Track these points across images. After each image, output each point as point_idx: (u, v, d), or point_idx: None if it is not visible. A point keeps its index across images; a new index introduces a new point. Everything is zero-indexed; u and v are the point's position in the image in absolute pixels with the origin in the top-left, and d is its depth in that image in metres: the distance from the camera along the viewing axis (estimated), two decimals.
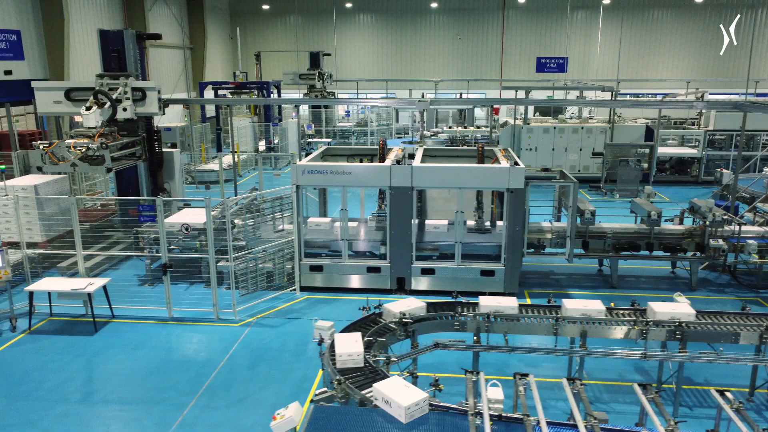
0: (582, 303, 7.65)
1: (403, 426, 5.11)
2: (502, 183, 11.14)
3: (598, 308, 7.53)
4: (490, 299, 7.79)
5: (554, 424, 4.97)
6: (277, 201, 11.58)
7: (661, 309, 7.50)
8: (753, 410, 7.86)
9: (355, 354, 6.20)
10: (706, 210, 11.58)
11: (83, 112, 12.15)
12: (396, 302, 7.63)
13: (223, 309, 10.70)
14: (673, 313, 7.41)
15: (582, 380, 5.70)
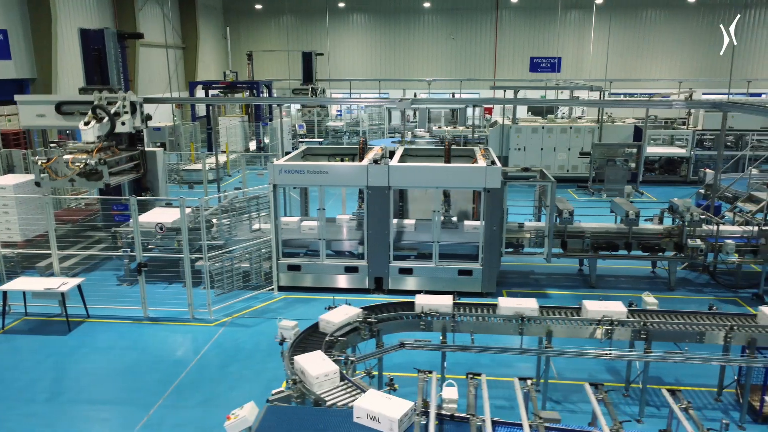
0: (516, 302, 7.66)
1: (352, 426, 5.09)
2: (479, 182, 11.13)
3: (531, 306, 7.55)
4: (426, 297, 7.82)
5: (501, 423, 4.95)
6: (254, 201, 11.55)
7: (594, 308, 7.56)
8: (720, 410, 7.86)
9: (331, 373, 6.02)
10: (684, 210, 11.56)
11: (81, 127, 12.08)
12: (335, 310, 7.52)
13: (199, 309, 10.68)
14: (604, 311, 7.46)
15: (533, 380, 5.68)
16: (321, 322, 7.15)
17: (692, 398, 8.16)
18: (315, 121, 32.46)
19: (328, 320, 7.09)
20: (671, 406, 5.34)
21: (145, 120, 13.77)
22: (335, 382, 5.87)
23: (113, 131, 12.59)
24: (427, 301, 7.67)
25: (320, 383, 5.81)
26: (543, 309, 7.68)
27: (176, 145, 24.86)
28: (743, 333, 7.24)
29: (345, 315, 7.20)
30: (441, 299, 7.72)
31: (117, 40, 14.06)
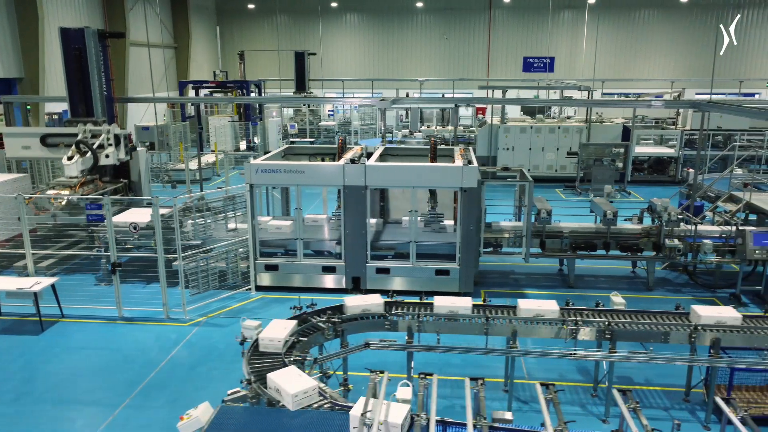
0: (451, 300, 7.69)
1: (298, 426, 5.07)
2: (456, 182, 11.10)
3: (465, 305, 7.59)
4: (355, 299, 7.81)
5: (447, 423, 4.93)
6: (229, 200, 11.53)
7: (526, 306, 7.63)
8: (687, 410, 7.83)
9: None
10: (662, 210, 11.54)
11: (65, 162, 12.09)
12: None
13: (174, 309, 10.66)
14: (537, 310, 7.51)
15: (483, 380, 5.65)
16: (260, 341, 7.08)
17: (661, 398, 8.16)
18: (307, 122, 32.47)
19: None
20: (620, 406, 5.32)
21: (129, 152, 13.84)
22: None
23: (96, 165, 12.60)
24: (360, 302, 7.66)
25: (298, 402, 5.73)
26: (477, 308, 7.68)
27: (165, 144, 24.84)
28: (708, 333, 7.21)
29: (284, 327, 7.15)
30: (372, 299, 7.72)
31: (98, 40, 14.02)
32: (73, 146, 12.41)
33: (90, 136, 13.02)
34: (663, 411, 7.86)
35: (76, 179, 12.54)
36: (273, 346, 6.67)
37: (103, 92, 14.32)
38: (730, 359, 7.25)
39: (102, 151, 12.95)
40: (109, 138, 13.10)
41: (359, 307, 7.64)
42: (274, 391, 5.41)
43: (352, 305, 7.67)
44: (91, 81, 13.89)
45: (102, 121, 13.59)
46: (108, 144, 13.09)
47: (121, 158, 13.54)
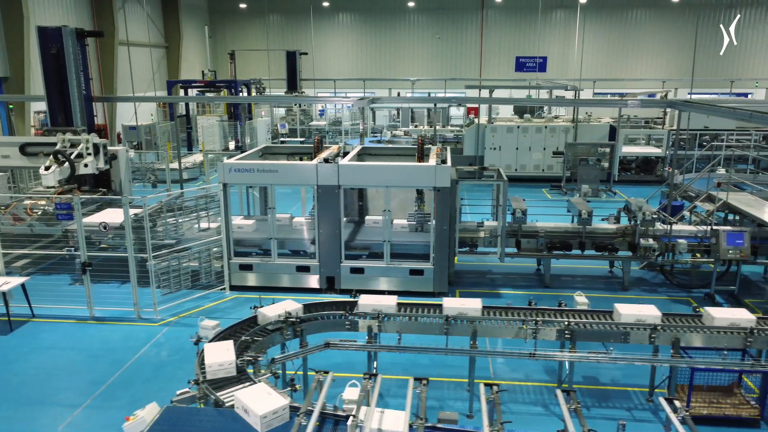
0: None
1: (240, 425, 5.04)
2: (429, 181, 11.07)
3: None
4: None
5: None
6: (202, 200, 11.50)
7: (451, 304, 7.64)
8: (650, 410, 7.80)
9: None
10: (636, 209, 11.51)
11: (42, 172, 12.03)
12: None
13: (145, 308, 10.63)
14: (461, 308, 7.53)
15: (426, 380, 5.62)
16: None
17: (625, 399, 8.13)
18: (298, 121, 32.44)
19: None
20: (561, 406, 5.29)
21: (109, 161, 13.82)
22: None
23: (74, 175, 12.56)
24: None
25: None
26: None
27: (153, 144, 24.79)
28: (667, 333, 7.18)
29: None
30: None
31: (76, 38, 13.98)
32: (51, 156, 12.37)
33: (69, 146, 13.03)
34: (626, 411, 7.82)
35: (54, 189, 12.50)
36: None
37: (82, 91, 14.26)
38: (689, 359, 7.21)
39: (81, 161, 12.97)
40: (88, 147, 13.10)
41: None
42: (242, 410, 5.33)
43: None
44: (69, 80, 13.85)
45: (81, 130, 13.56)
46: (87, 153, 13.10)
47: (100, 167, 13.53)
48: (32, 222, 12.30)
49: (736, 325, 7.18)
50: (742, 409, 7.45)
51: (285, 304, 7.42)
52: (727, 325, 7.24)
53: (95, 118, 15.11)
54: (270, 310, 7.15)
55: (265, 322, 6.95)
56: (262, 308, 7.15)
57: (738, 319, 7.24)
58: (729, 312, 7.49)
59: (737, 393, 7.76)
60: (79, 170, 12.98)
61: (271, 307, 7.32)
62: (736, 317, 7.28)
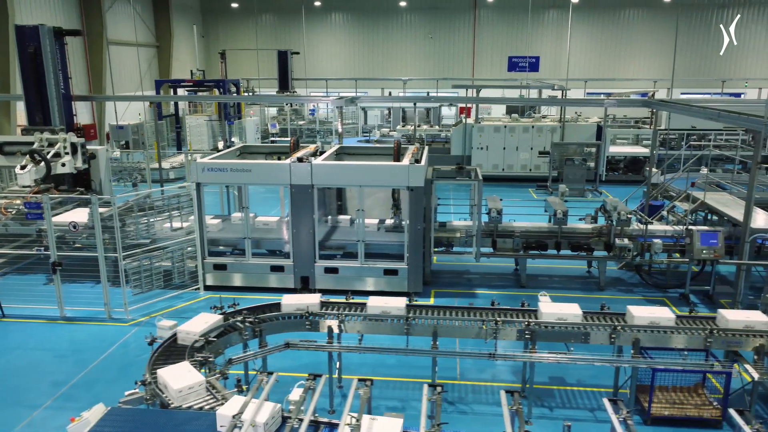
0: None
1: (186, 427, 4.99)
2: (402, 181, 11.02)
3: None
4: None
5: (322, 423, 4.86)
6: (174, 199, 11.45)
7: (376, 303, 7.64)
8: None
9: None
10: (612, 209, 11.47)
11: (18, 171, 11.98)
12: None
13: (116, 308, 10.57)
14: (383, 307, 7.53)
15: (371, 381, 5.58)
16: (180, 333, 7.01)
17: (590, 399, 8.09)
18: (288, 120, 32.37)
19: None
20: (503, 406, 5.24)
21: (87, 160, 13.78)
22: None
23: (50, 175, 12.51)
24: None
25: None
26: (410, 308, 7.66)
27: (141, 143, 24.74)
28: (627, 333, 7.14)
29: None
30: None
31: (54, 37, 13.93)
32: (27, 156, 12.32)
33: (47, 145, 12.98)
34: (588, 412, 7.79)
35: (29, 188, 12.44)
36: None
37: (60, 90, 14.21)
38: (649, 360, 7.17)
39: (58, 160, 12.94)
40: (66, 147, 13.05)
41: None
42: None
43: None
44: (46, 79, 13.81)
45: (59, 129, 13.51)
46: (64, 152, 13.06)
47: (78, 167, 13.49)
48: (7, 222, 12.24)
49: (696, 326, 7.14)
50: (704, 409, 7.40)
51: (202, 317, 7.34)
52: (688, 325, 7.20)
53: (75, 117, 15.06)
54: (191, 326, 7.02)
55: (186, 341, 6.84)
56: (182, 325, 7.04)
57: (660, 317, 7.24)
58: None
59: (701, 393, 7.72)
60: (56, 170, 12.97)
61: (192, 322, 7.19)
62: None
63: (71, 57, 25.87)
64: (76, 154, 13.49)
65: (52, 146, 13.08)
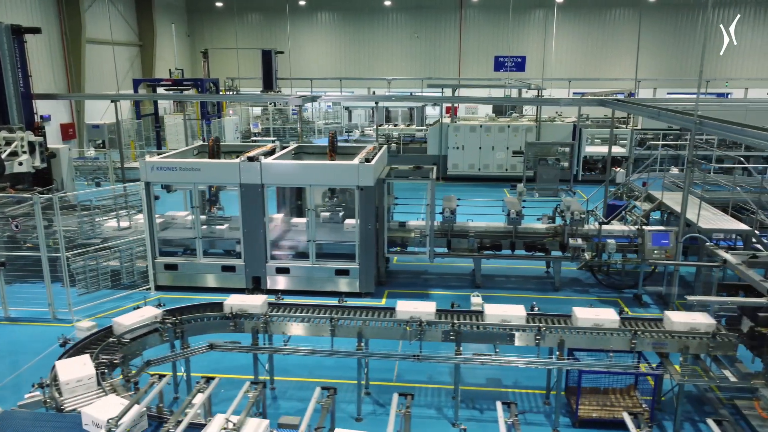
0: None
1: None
2: (352, 180, 10.92)
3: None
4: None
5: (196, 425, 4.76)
6: (121, 198, 11.34)
7: (240, 302, 7.50)
8: (544, 413, 7.66)
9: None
10: (565, 208, 11.38)
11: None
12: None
13: (62, 309, 10.46)
14: (241, 305, 7.41)
15: (264, 384, 5.48)
16: (114, 324, 6.94)
17: (525, 401, 7.98)
18: (271, 120, 32.30)
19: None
20: (392, 408, 5.15)
21: (46, 159, 13.68)
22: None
23: (3, 173, 12.38)
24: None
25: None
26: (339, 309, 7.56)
27: (117, 143, 24.60)
28: (553, 335, 7.04)
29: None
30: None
31: (12, 35, 13.82)
32: None
33: (3, 144, 12.89)
34: (520, 415, 7.66)
35: None
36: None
37: (19, 88, 14.11)
38: (574, 362, 7.07)
39: (15, 159, 12.84)
40: (24, 145, 12.95)
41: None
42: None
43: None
44: (4, 77, 13.71)
45: (17, 128, 13.41)
46: (22, 151, 12.96)
47: (36, 165, 13.40)
48: None
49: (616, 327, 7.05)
50: (633, 412, 7.29)
51: (145, 310, 7.26)
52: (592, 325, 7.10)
53: (36, 116, 14.95)
54: (126, 319, 6.95)
55: (121, 331, 6.75)
56: (119, 317, 6.97)
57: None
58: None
59: (633, 396, 7.62)
60: (12, 168, 12.89)
61: (129, 315, 7.12)
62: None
63: (49, 55, 25.95)
64: (34, 153, 13.42)
65: (9, 145, 13.00)
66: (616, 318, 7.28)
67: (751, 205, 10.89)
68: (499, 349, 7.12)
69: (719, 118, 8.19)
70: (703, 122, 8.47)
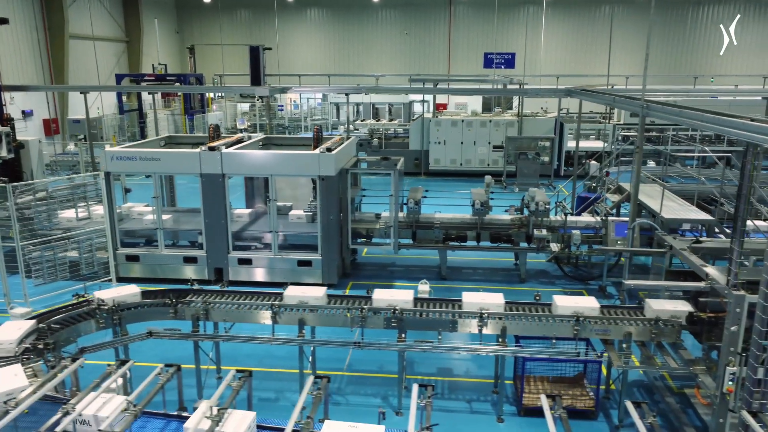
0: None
1: None
2: (313, 170, 10.82)
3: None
4: None
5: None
6: (80, 188, 11.22)
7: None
8: (490, 402, 7.54)
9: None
10: (529, 199, 11.27)
11: None
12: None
13: (18, 300, 10.34)
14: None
15: (177, 366, 5.36)
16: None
17: (474, 390, 7.87)
18: (257, 116, 32.19)
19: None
20: (303, 392, 5.03)
21: (14, 150, 13.55)
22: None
23: None
24: None
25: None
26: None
27: (99, 137, 24.54)
28: (495, 322, 6.92)
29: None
30: None
31: None
32: None
33: None
34: (465, 403, 7.58)
35: None
36: None
37: None
38: (516, 348, 6.96)
39: None
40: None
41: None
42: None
43: None
44: None
45: None
46: None
47: (3, 156, 13.29)
48: None
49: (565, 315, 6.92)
50: (579, 400, 7.20)
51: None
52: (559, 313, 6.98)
53: (5, 108, 14.83)
54: None
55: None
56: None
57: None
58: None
59: (582, 384, 7.52)
60: None
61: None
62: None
63: (30, 50, 25.83)
64: (1, 144, 13.29)
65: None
66: (596, 306, 7.04)
67: (716, 195, 10.80)
68: (441, 336, 7.01)
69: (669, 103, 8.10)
70: (649, 106, 8.42)
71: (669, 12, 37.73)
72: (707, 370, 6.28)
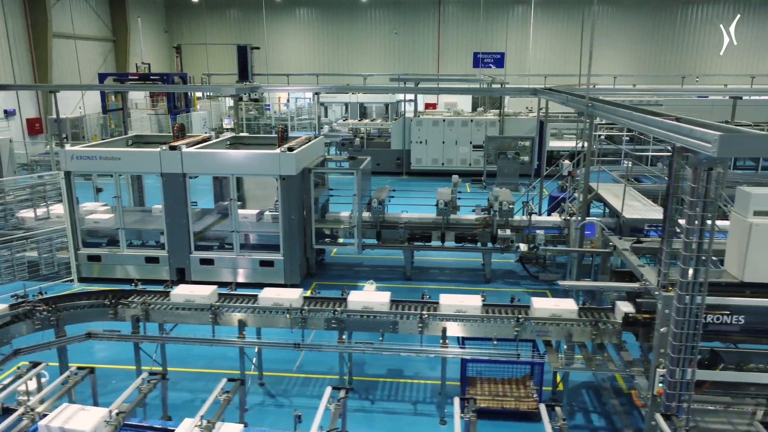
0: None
1: None
2: (274, 170, 10.74)
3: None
4: None
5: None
6: (39, 188, 11.14)
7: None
8: (435, 404, 7.47)
9: None
10: (493, 199, 11.19)
11: None
12: None
13: None
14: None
15: (93, 369, 5.29)
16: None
17: (420, 392, 7.80)
18: (244, 116, 32.09)
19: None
20: (213, 393, 4.95)
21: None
22: None
23: None
24: None
25: None
26: (223, 297, 7.38)
27: (81, 137, 24.46)
28: (435, 323, 6.85)
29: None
30: None
31: None
32: None
33: None
34: (411, 405, 7.50)
35: None
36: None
37: None
38: (456, 350, 6.89)
39: None
40: None
41: None
42: None
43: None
44: None
45: None
46: None
47: None
48: None
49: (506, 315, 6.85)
50: (523, 402, 7.13)
51: None
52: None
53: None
54: None
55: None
56: None
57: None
58: None
59: (527, 386, 7.45)
60: None
61: None
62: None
63: (8, 49, 25.71)
64: None
65: None
66: (574, 308, 6.94)
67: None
68: (383, 338, 6.93)
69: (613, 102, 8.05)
70: (594, 105, 8.38)
71: (658, 12, 37.66)
72: (644, 372, 6.21)
